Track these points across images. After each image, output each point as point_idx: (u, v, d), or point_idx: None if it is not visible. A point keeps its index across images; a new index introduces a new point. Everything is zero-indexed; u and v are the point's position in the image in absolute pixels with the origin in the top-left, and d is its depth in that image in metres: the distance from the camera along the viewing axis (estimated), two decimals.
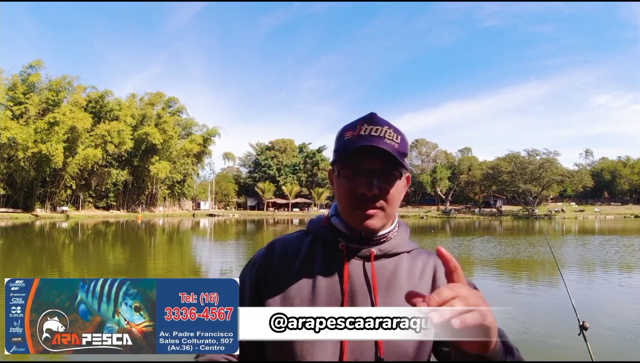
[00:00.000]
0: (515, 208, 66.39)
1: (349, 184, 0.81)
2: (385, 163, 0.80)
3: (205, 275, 11.28)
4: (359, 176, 0.80)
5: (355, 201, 0.81)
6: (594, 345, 1.81)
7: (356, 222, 0.82)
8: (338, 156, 0.83)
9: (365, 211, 0.80)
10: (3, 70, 45.20)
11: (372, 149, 0.78)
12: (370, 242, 0.85)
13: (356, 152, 0.79)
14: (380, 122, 0.82)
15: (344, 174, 0.82)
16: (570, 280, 9.25)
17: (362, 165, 0.80)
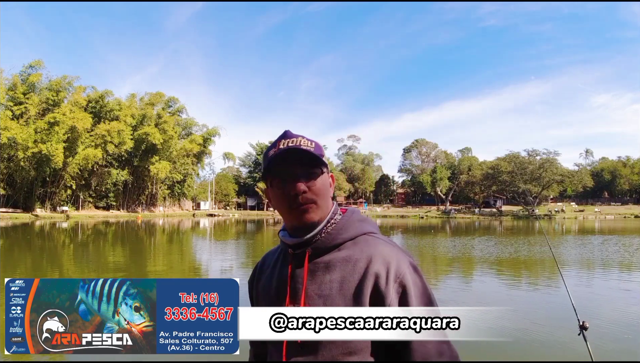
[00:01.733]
0: (515, 208, 66.37)
1: (282, 191, 0.92)
2: (306, 165, 0.92)
3: (205, 275, 11.28)
4: (287, 181, 0.91)
5: (290, 203, 0.91)
6: (594, 345, 1.81)
7: (296, 220, 0.93)
8: (267, 170, 0.95)
9: (300, 207, 0.91)
10: (3, 70, 45.27)
11: (293, 152, 0.91)
12: (310, 243, 0.93)
13: (281, 160, 0.92)
14: (294, 136, 0.96)
15: (275, 184, 0.94)
16: (570, 280, 9.25)
17: (288, 171, 0.92)
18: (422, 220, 54.61)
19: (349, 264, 0.89)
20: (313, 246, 0.93)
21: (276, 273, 0.98)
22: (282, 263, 0.98)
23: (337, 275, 0.88)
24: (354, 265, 0.88)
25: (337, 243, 0.92)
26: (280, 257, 1.01)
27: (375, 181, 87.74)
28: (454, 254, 14.89)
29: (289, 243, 0.95)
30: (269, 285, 0.98)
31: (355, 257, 0.89)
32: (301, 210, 0.91)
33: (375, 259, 0.88)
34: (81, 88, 51.15)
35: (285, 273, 0.94)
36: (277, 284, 0.95)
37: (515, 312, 6.69)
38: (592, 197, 79.37)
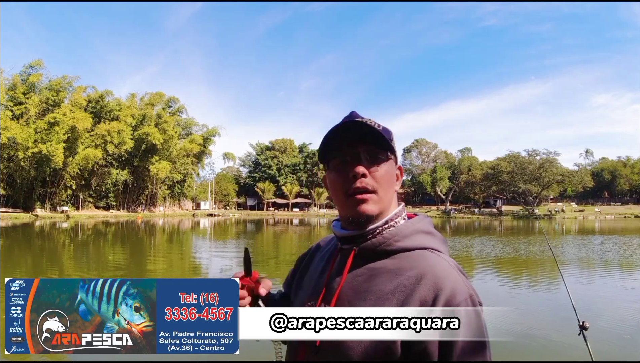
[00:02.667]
0: (515, 208, 66.38)
1: (338, 174, 0.83)
2: (370, 146, 0.82)
3: (205, 275, 11.28)
4: (347, 162, 0.82)
5: (347, 187, 0.81)
6: (594, 345, 1.81)
7: (350, 210, 0.82)
8: (325, 150, 0.85)
9: (358, 196, 0.81)
10: (3, 70, 45.27)
11: (356, 127, 0.81)
12: (359, 240, 0.83)
13: (341, 137, 0.82)
14: (360, 115, 0.85)
15: (333, 166, 0.84)
16: (570, 280, 9.25)
17: (348, 150, 0.82)
18: None
19: (393, 279, 0.77)
20: (361, 245, 0.82)
21: (321, 265, 0.92)
22: (329, 256, 0.91)
23: (377, 288, 0.77)
24: (399, 283, 0.76)
25: (389, 250, 0.81)
26: (332, 248, 0.93)
27: None
28: (454, 254, 14.88)
29: (338, 235, 0.88)
30: (312, 276, 0.93)
31: (403, 273, 0.77)
32: (357, 199, 0.80)
33: (425, 280, 0.74)
34: (81, 88, 51.16)
35: (327, 269, 0.88)
36: (318, 278, 0.89)
37: (515, 312, 6.69)
38: (592, 197, 79.37)
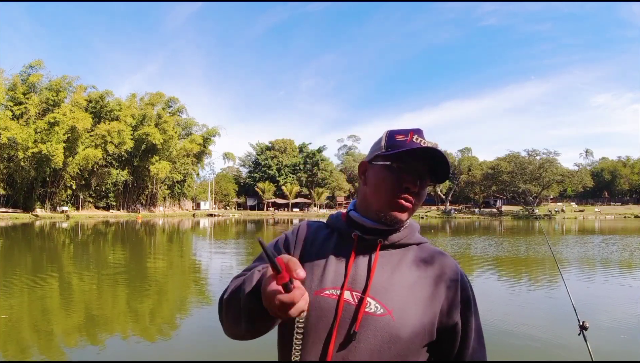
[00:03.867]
0: (515, 208, 66.37)
1: (396, 176, 0.90)
2: (432, 175, 0.93)
3: (206, 275, 11.28)
4: (407, 173, 0.90)
5: (399, 192, 0.90)
6: (594, 345, 1.81)
7: (390, 209, 0.90)
8: (394, 151, 0.91)
9: (403, 203, 0.90)
10: (4, 70, 45.28)
11: (425, 155, 0.90)
12: (383, 234, 0.93)
13: (414, 151, 0.89)
14: (427, 139, 0.95)
15: (392, 168, 0.91)
16: (570, 280, 9.25)
17: (412, 165, 0.91)
18: (422, 220, 54.59)
19: (420, 267, 0.91)
20: (389, 238, 0.92)
21: (329, 252, 0.92)
22: (337, 243, 0.94)
23: (407, 275, 0.89)
24: (426, 269, 0.91)
25: (408, 243, 0.94)
26: (334, 237, 0.96)
27: None
28: (454, 254, 14.87)
29: (367, 226, 0.93)
30: (319, 262, 0.92)
31: (425, 261, 0.92)
32: (402, 206, 0.90)
33: (446, 267, 0.92)
34: (82, 87, 51.20)
35: (345, 256, 0.91)
36: (333, 265, 0.90)
37: (515, 312, 6.69)
38: (592, 197, 79.36)
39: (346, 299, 0.85)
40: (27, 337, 5.53)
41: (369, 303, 0.84)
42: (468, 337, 0.90)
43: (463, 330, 0.89)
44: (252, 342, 0.90)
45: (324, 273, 0.89)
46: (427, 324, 0.85)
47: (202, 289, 9.30)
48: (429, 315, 0.86)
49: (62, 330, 5.81)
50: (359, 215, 0.95)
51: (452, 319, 0.88)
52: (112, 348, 5.11)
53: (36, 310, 6.87)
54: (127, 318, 6.65)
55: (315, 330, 0.84)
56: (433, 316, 0.86)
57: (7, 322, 5.93)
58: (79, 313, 6.76)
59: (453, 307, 0.88)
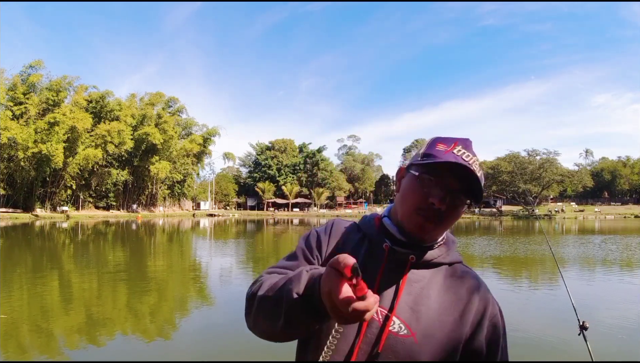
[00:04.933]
0: (515, 208, 66.37)
1: (423, 190, 0.84)
2: (462, 188, 0.84)
3: (205, 275, 11.28)
4: (437, 187, 0.83)
5: (422, 206, 0.83)
6: (594, 345, 1.81)
7: (412, 225, 0.85)
8: (426, 161, 0.85)
9: (426, 220, 0.83)
10: (5, 70, 45.29)
11: (462, 170, 0.83)
12: (415, 248, 0.88)
13: (447, 165, 0.83)
14: (473, 151, 0.88)
15: (422, 179, 0.84)
16: (570, 280, 9.25)
17: (444, 179, 0.83)
18: None
19: (450, 290, 0.87)
20: (418, 254, 0.87)
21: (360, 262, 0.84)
22: (368, 252, 0.90)
23: (436, 297, 0.85)
24: (456, 293, 0.87)
25: (441, 262, 0.90)
26: (365, 244, 0.92)
27: (376, 181, 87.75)
28: None
29: (394, 235, 0.88)
30: None
31: (456, 285, 0.89)
32: (424, 223, 0.84)
33: (476, 294, 0.87)
34: (83, 87, 51.22)
35: (374, 268, 0.87)
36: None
37: (516, 312, 6.69)
38: (592, 197, 79.37)
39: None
40: (27, 336, 5.53)
41: (393, 322, 0.81)
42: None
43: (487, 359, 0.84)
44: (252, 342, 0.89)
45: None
46: (450, 350, 0.82)
47: (202, 289, 9.30)
48: (453, 341, 0.82)
49: (62, 330, 5.81)
50: (390, 222, 0.91)
51: (476, 346, 0.84)
52: (112, 348, 5.11)
53: (36, 309, 6.87)
54: (127, 318, 6.65)
55: (338, 344, 0.82)
56: (457, 343, 0.83)
57: (7, 322, 5.93)
58: (79, 313, 6.76)
59: (479, 337, 0.84)
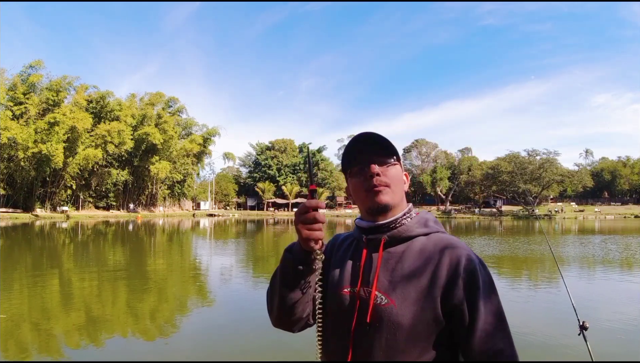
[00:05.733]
0: (515, 208, 66.36)
1: (358, 177, 1.01)
2: (380, 154, 1.01)
3: (205, 275, 11.28)
4: (363, 168, 1.00)
5: (367, 185, 0.99)
6: (594, 345, 1.81)
7: (370, 201, 0.99)
8: (345, 160, 1.05)
9: (375, 188, 0.98)
10: (5, 70, 45.30)
11: (368, 141, 1.01)
12: (385, 230, 1.00)
13: (357, 151, 1.01)
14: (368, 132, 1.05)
15: (354, 172, 1.03)
16: (570, 280, 9.25)
17: (364, 158, 1.01)
18: None
19: (422, 256, 0.95)
20: (389, 234, 0.99)
21: (348, 257, 1.05)
22: (355, 248, 1.06)
23: (410, 265, 0.95)
24: (427, 258, 0.95)
25: (412, 235, 0.99)
26: (354, 243, 1.08)
27: None
28: None
29: (364, 227, 1.03)
30: (342, 267, 1.04)
31: (428, 250, 0.96)
32: (376, 191, 0.98)
33: (447, 252, 0.94)
34: (83, 87, 51.20)
35: (359, 258, 1.02)
36: (351, 267, 1.03)
37: (516, 312, 6.69)
38: (592, 197, 79.35)
39: (360, 295, 0.97)
40: (27, 336, 5.53)
41: (377, 297, 0.94)
42: (476, 320, 0.88)
43: (470, 314, 0.88)
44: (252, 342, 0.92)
45: (342, 274, 1.03)
46: (428, 309, 0.89)
47: (202, 289, 9.30)
48: (429, 300, 0.90)
49: (62, 330, 5.81)
50: (359, 220, 1.07)
51: (455, 302, 0.89)
52: (112, 348, 5.11)
53: (36, 309, 6.87)
54: (127, 317, 6.65)
55: (339, 322, 0.98)
56: (432, 299, 0.90)
57: (7, 322, 5.93)
58: (79, 312, 6.77)
59: (454, 289, 0.89)
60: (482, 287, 0.90)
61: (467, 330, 0.88)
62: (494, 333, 0.88)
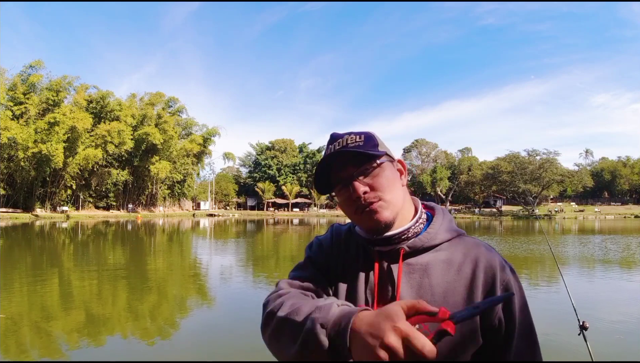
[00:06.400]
0: (515, 208, 66.39)
1: (345, 198, 0.86)
2: (359, 164, 0.84)
3: (205, 275, 11.28)
4: (346, 186, 0.85)
5: (355, 207, 0.84)
6: (594, 345, 1.81)
7: (366, 223, 0.85)
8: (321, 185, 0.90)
9: (366, 209, 0.83)
10: (6, 70, 45.29)
11: (340, 155, 0.85)
12: (399, 240, 0.85)
13: (328, 167, 0.87)
14: (340, 136, 0.89)
15: (337, 191, 0.87)
16: (570, 280, 9.25)
17: (342, 176, 0.85)
18: None
19: (451, 268, 0.82)
20: (409, 244, 0.84)
21: (358, 267, 0.87)
22: (364, 257, 0.89)
23: (439, 280, 0.81)
24: (459, 270, 0.82)
25: (436, 243, 0.85)
26: (360, 252, 0.90)
27: None
28: None
29: (378, 238, 0.86)
30: (349, 279, 0.87)
31: (458, 261, 0.83)
32: (368, 211, 0.83)
33: (481, 264, 0.82)
34: (83, 87, 51.22)
35: (370, 272, 0.86)
36: (362, 283, 0.85)
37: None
38: (592, 197, 79.37)
39: None
40: (27, 336, 5.52)
41: None
42: (511, 336, 0.80)
43: (506, 330, 0.79)
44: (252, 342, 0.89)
45: (354, 292, 0.85)
46: (466, 331, 0.77)
47: (202, 289, 9.29)
48: (468, 322, 0.76)
49: (62, 330, 5.81)
50: (360, 228, 0.91)
51: (493, 319, 0.79)
52: (112, 347, 5.11)
53: (36, 309, 6.87)
54: (127, 317, 6.65)
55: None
56: (473, 321, 0.77)
57: (7, 322, 5.93)
58: (79, 312, 6.76)
59: (493, 308, 0.79)
60: (518, 300, 0.81)
61: (504, 347, 0.80)
62: (525, 349, 0.81)
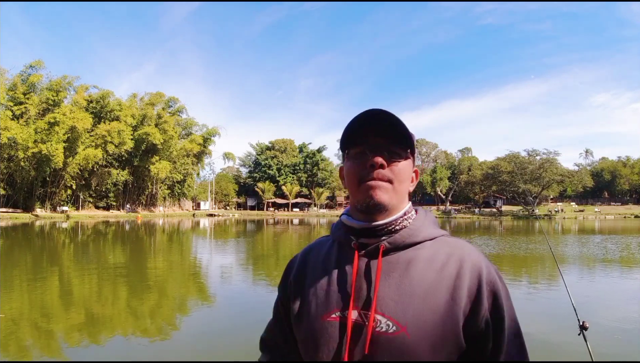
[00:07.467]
0: (515, 208, 66.37)
1: (357, 162, 0.80)
2: (392, 140, 0.80)
3: (205, 275, 11.28)
4: (367, 151, 0.79)
5: (363, 175, 0.79)
6: (594, 345, 1.81)
7: (362, 194, 0.79)
8: (346, 137, 0.81)
9: (373, 181, 0.78)
10: (6, 70, 45.28)
11: (382, 119, 0.78)
12: (381, 234, 0.80)
13: (365, 128, 0.79)
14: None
15: (352, 154, 0.81)
16: (570, 279, 9.25)
17: (370, 140, 0.79)
18: None
19: (433, 266, 0.76)
20: (389, 240, 0.78)
21: (331, 268, 0.82)
22: (339, 256, 0.83)
23: (420, 279, 0.75)
24: (441, 270, 0.76)
25: (419, 240, 0.79)
26: (335, 249, 0.85)
27: None
28: None
29: (356, 227, 0.81)
30: (322, 283, 0.81)
31: (441, 260, 0.77)
32: (372, 185, 0.77)
33: (466, 264, 0.76)
34: (83, 87, 51.22)
35: (347, 270, 0.79)
36: (337, 283, 0.80)
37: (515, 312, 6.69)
38: (592, 197, 79.35)
39: (354, 319, 0.74)
40: (27, 336, 5.52)
41: (379, 321, 0.72)
42: (500, 341, 0.75)
43: (494, 334, 0.75)
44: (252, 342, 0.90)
45: (329, 294, 0.80)
46: (449, 333, 0.72)
47: (202, 288, 9.29)
48: (449, 323, 0.72)
49: (62, 330, 5.81)
50: (347, 217, 0.85)
51: (479, 321, 0.74)
52: (112, 347, 5.11)
53: (36, 309, 6.87)
54: (127, 317, 6.65)
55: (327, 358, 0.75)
56: (455, 323, 0.72)
57: (7, 322, 5.93)
58: (79, 312, 6.76)
59: (478, 306, 0.74)
60: (504, 303, 0.77)
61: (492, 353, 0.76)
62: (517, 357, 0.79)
